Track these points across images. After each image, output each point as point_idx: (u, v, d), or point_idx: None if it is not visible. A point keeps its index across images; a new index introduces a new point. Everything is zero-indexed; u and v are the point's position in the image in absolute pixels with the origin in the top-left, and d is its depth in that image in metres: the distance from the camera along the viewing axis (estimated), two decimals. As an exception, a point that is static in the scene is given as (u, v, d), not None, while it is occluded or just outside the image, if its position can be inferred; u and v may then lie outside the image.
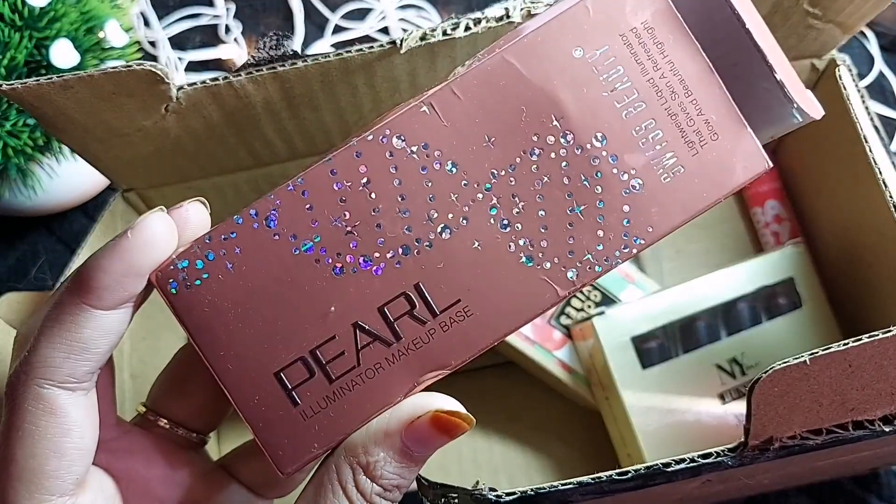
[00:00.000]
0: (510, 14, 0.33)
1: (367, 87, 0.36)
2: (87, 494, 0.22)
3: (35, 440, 0.20)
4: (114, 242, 0.20)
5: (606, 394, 0.41)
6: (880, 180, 0.37)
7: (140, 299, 0.21)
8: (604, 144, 0.18)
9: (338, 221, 0.19)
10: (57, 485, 0.21)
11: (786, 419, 0.25)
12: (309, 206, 0.19)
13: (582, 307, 0.43)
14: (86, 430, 0.21)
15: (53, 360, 0.20)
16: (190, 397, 0.26)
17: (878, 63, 0.55)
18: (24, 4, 0.41)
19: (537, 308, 0.19)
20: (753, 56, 0.18)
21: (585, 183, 0.18)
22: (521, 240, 0.19)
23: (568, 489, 0.25)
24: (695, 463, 0.25)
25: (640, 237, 0.19)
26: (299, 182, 0.19)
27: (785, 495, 0.43)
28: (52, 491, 0.21)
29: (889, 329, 0.25)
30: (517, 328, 0.19)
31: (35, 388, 0.20)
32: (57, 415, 0.20)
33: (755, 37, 0.17)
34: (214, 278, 0.19)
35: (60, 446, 0.20)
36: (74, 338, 0.20)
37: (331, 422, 0.20)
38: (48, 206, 0.50)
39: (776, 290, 0.41)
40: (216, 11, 0.61)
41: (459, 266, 0.19)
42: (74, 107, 0.33)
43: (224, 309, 0.19)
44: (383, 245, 0.19)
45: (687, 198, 0.18)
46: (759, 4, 0.35)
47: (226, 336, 0.19)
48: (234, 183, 0.42)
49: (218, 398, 0.25)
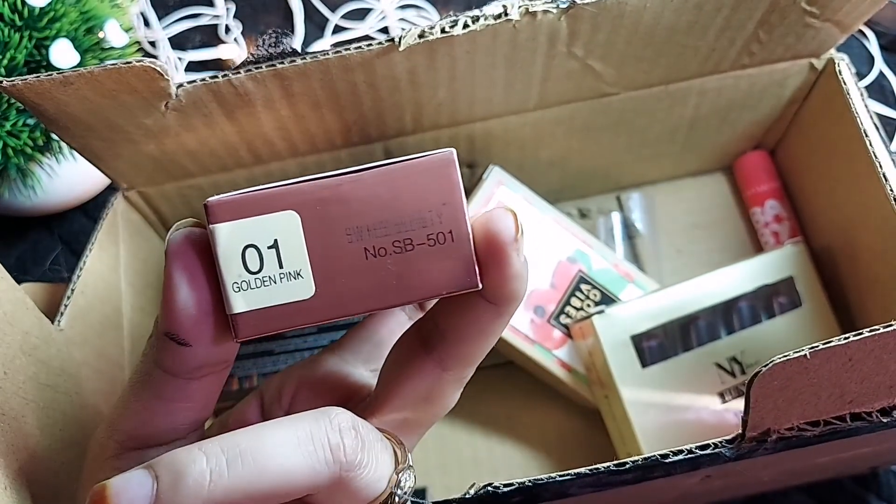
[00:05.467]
0: (508, 12, 0.34)
1: (366, 84, 0.36)
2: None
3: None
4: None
5: (606, 392, 0.41)
6: (881, 175, 0.37)
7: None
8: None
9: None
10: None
11: (784, 411, 0.25)
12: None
13: (581, 306, 0.43)
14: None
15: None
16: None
17: (878, 63, 0.55)
18: (24, 4, 0.41)
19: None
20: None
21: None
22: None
23: (566, 481, 0.25)
24: (693, 455, 0.25)
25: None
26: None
27: (785, 494, 0.43)
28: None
29: (889, 323, 0.25)
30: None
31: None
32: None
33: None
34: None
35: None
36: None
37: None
38: (48, 205, 0.50)
39: (776, 288, 0.41)
40: (216, 11, 0.62)
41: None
42: (75, 104, 0.33)
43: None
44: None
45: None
46: (756, 3, 0.36)
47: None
48: (234, 181, 0.43)
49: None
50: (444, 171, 0.19)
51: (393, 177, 0.19)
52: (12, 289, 0.31)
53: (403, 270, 0.20)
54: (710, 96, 0.43)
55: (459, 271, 0.20)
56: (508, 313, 0.22)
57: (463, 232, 0.20)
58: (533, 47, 0.36)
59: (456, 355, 0.22)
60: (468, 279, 0.20)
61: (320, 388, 0.26)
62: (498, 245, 0.19)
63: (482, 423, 0.46)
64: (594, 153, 0.47)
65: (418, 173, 0.19)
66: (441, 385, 0.23)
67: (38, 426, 0.30)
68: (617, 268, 0.44)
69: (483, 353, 0.23)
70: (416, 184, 0.19)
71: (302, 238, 0.19)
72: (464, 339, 0.22)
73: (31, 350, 0.31)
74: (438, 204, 0.19)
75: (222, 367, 0.22)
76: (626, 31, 0.36)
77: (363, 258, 0.20)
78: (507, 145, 0.44)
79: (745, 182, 0.50)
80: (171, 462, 0.18)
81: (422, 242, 0.20)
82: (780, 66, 0.42)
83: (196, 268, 0.20)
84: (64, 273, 0.53)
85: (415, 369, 0.23)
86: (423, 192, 0.19)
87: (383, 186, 0.19)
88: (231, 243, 0.19)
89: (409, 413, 0.24)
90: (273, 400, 0.27)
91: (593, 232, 0.50)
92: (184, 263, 0.20)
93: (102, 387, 0.38)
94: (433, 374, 0.23)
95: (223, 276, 0.19)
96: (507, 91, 0.39)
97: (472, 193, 0.42)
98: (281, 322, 0.20)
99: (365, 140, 0.41)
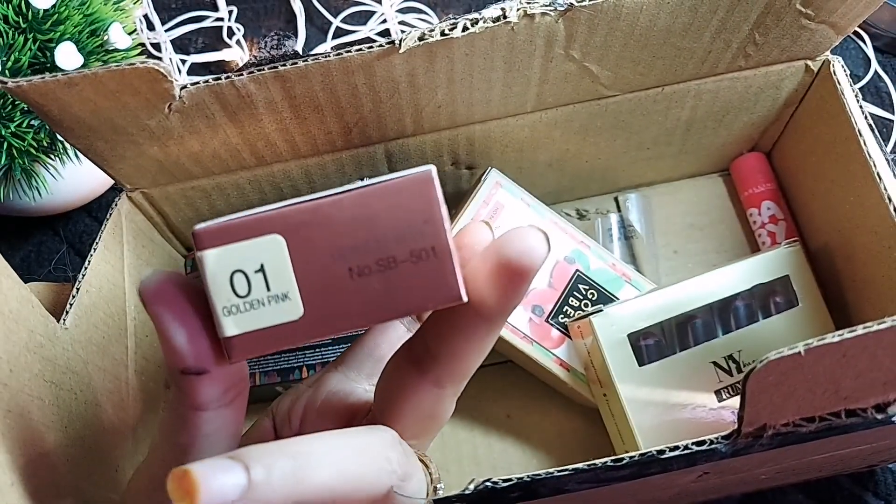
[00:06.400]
0: (506, 15, 0.34)
1: (366, 87, 0.36)
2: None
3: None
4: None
5: (604, 391, 0.41)
6: (875, 176, 0.37)
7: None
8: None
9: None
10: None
11: (780, 407, 0.25)
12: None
13: (579, 306, 0.43)
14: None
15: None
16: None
17: (874, 64, 0.56)
18: (29, 7, 0.42)
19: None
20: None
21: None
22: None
23: (564, 476, 0.25)
24: (689, 451, 0.26)
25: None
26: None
27: (782, 492, 0.43)
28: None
29: (883, 320, 0.25)
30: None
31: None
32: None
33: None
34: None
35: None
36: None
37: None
38: (52, 206, 0.50)
39: (772, 288, 0.42)
40: (219, 14, 0.62)
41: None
42: (79, 105, 0.33)
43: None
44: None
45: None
46: (751, 5, 0.36)
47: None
48: (237, 182, 0.43)
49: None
50: (422, 189, 0.20)
51: (372, 198, 0.20)
52: (18, 287, 0.31)
53: (388, 287, 0.20)
54: (706, 98, 0.44)
55: (443, 286, 0.20)
56: (501, 326, 0.22)
57: (444, 248, 0.20)
58: (531, 50, 0.36)
59: (451, 372, 0.23)
60: (452, 293, 0.20)
61: (327, 409, 0.27)
62: (523, 267, 0.19)
63: (481, 422, 0.46)
64: (592, 155, 0.47)
65: (397, 193, 0.20)
66: (442, 402, 0.23)
67: (43, 423, 0.31)
68: (614, 268, 0.44)
69: (477, 364, 0.23)
70: (395, 203, 0.20)
71: (288, 261, 0.20)
72: (457, 356, 0.22)
73: (36, 348, 0.32)
74: (419, 222, 0.20)
75: (242, 385, 0.22)
76: (622, 33, 0.36)
77: (348, 277, 0.20)
78: (505, 147, 0.45)
79: (741, 183, 0.51)
80: (260, 454, 0.18)
81: (405, 260, 0.20)
82: (776, 68, 0.42)
83: (178, 302, 0.20)
84: (68, 273, 0.53)
85: (411, 391, 0.23)
86: (403, 211, 0.20)
87: (362, 208, 0.20)
88: (219, 269, 0.20)
89: (413, 430, 0.24)
90: (283, 422, 0.27)
91: (591, 233, 0.50)
92: (165, 303, 0.20)
93: (107, 385, 0.38)
94: (431, 393, 0.23)
95: (213, 302, 0.20)
96: (505, 93, 0.40)
97: (470, 195, 0.43)
98: (272, 343, 0.20)
99: (365, 142, 0.42)
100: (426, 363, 0.22)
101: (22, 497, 0.27)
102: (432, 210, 0.20)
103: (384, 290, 0.20)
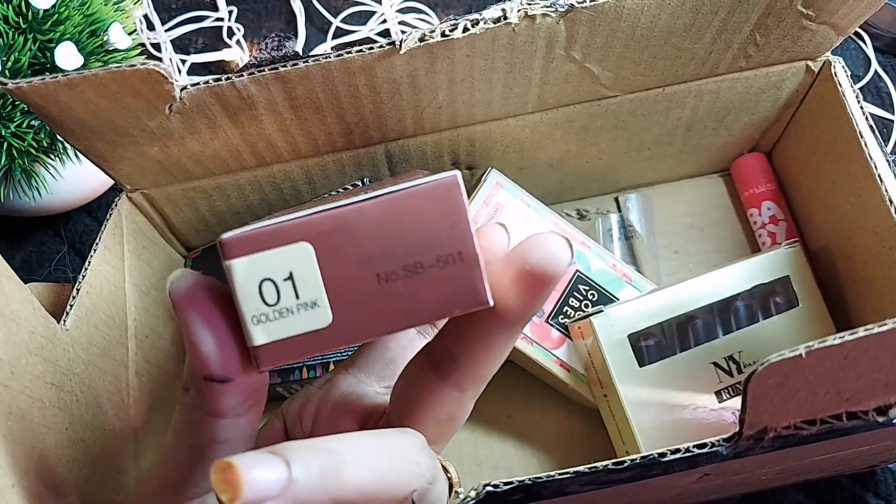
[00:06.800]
0: (507, 15, 0.34)
1: (367, 87, 0.36)
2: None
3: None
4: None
5: (605, 391, 0.41)
6: (876, 177, 0.37)
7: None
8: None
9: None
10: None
11: (781, 409, 0.25)
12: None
13: (579, 306, 0.43)
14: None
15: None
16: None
17: (874, 65, 0.56)
18: (29, 7, 0.42)
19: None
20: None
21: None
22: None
23: (565, 479, 0.25)
24: (690, 453, 0.26)
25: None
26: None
27: (783, 492, 0.43)
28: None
29: (884, 322, 0.25)
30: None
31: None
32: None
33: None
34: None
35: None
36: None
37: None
38: (52, 206, 0.50)
39: (773, 289, 0.42)
40: (219, 14, 0.62)
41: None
42: (79, 106, 0.33)
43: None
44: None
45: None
46: (752, 6, 0.36)
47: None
48: (237, 183, 0.43)
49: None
50: (449, 195, 0.20)
51: (399, 204, 0.20)
52: (19, 288, 0.31)
53: (415, 293, 0.20)
54: (706, 99, 0.44)
55: (470, 291, 0.20)
56: (521, 330, 0.22)
57: (472, 253, 0.20)
58: (531, 51, 0.36)
59: (472, 377, 0.23)
60: (480, 298, 0.20)
61: (339, 410, 0.26)
62: (547, 273, 0.19)
63: (482, 422, 0.46)
64: (592, 155, 0.47)
65: (424, 199, 0.20)
66: (462, 405, 0.24)
67: (44, 424, 0.31)
68: (614, 268, 0.44)
69: (496, 368, 0.23)
70: (421, 209, 0.20)
71: (317, 268, 0.20)
72: (477, 361, 0.22)
73: (37, 349, 0.32)
74: (446, 227, 0.20)
75: (261, 394, 0.22)
76: (623, 34, 0.36)
77: (376, 284, 0.20)
78: (506, 147, 0.45)
79: (742, 184, 0.51)
80: (299, 450, 0.18)
81: (432, 265, 0.20)
82: (777, 68, 0.42)
83: (207, 308, 0.20)
84: (69, 273, 0.53)
85: (431, 395, 0.23)
86: (430, 217, 0.20)
87: (389, 214, 0.20)
88: (248, 278, 0.19)
89: (432, 433, 0.24)
90: (295, 424, 0.27)
91: (591, 233, 0.50)
92: (195, 307, 0.20)
93: (107, 386, 0.38)
94: (451, 397, 0.23)
95: (242, 311, 0.19)
96: (506, 94, 0.40)
97: (470, 196, 0.43)
98: (301, 351, 0.20)
99: (366, 142, 0.42)
100: (446, 367, 0.22)
101: (23, 498, 0.27)
102: (459, 215, 0.20)
103: (411, 295, 0.20)
